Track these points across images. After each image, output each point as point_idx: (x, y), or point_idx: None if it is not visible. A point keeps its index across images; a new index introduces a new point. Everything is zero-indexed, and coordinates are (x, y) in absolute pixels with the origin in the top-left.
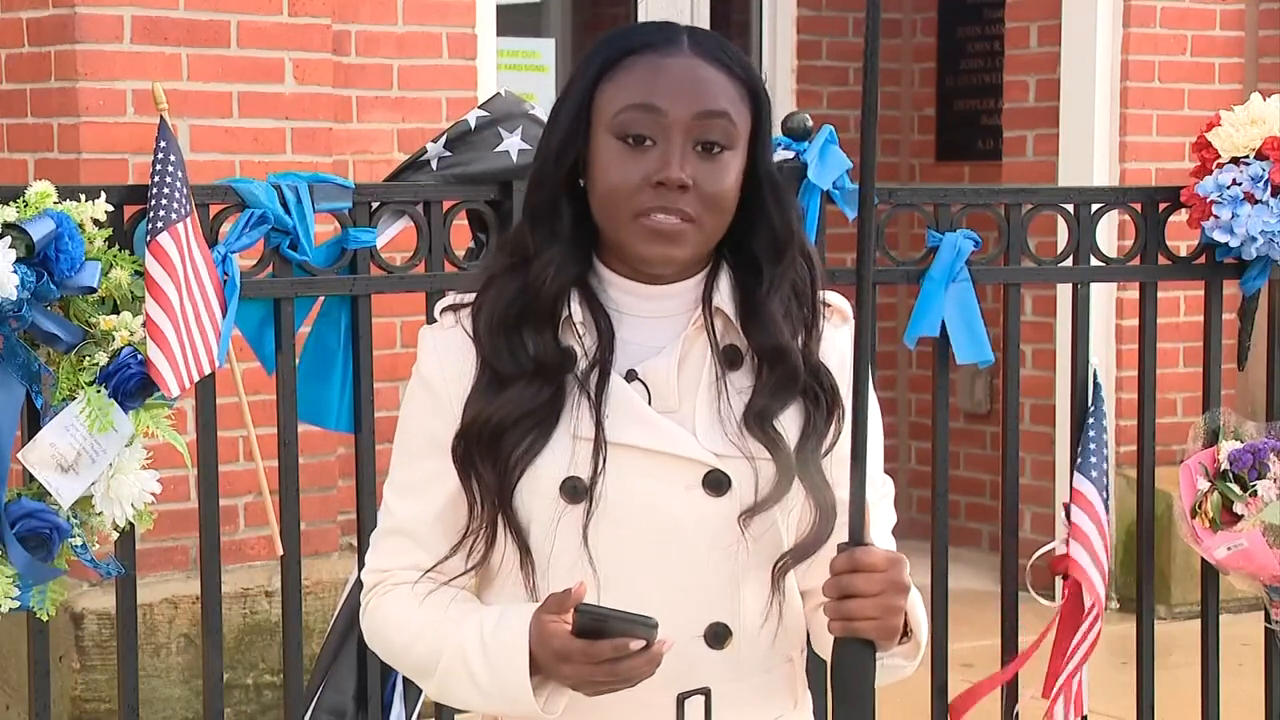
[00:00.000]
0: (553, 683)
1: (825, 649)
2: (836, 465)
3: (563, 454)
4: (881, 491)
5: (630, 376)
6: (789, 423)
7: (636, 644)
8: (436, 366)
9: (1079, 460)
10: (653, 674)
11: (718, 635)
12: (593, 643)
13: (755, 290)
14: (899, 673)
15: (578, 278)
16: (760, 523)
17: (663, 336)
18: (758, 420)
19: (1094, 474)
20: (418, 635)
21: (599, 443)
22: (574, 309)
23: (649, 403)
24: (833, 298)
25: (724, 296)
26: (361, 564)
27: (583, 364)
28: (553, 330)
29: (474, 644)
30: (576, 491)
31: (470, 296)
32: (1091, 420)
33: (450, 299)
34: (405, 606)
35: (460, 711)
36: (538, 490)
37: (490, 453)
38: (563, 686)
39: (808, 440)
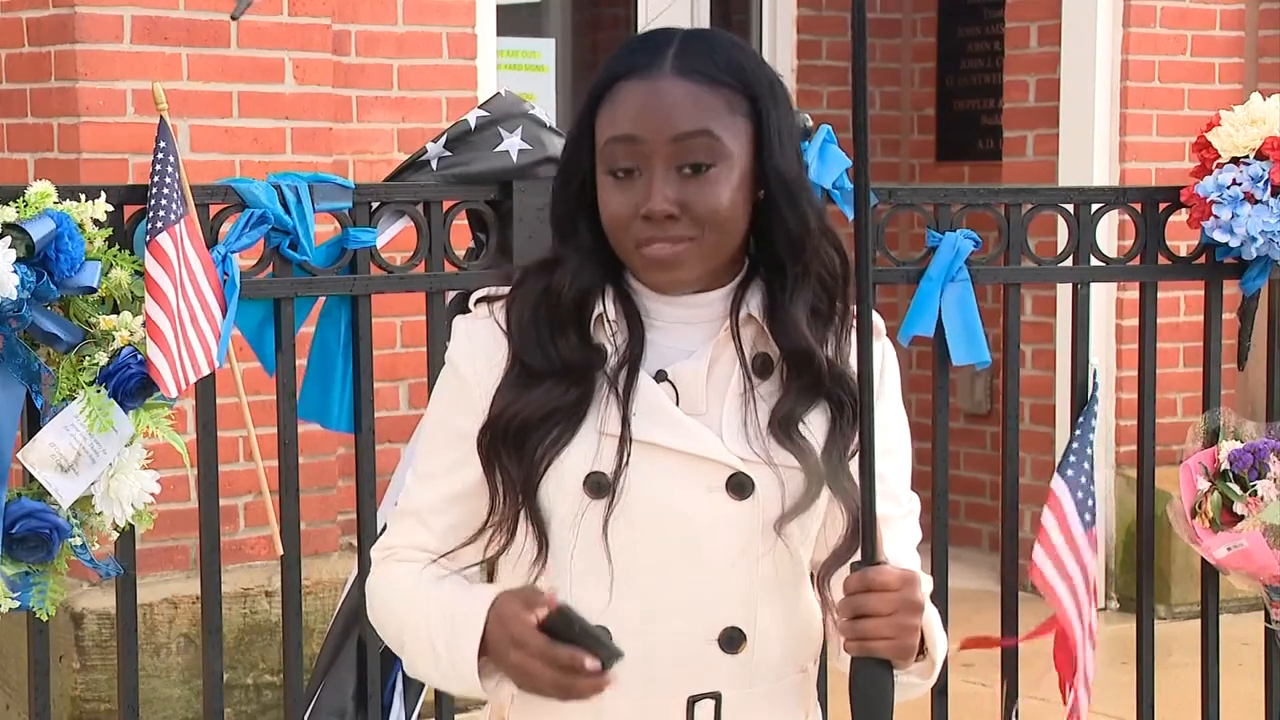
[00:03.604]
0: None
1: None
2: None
3: (588, 449)
4: (907, 508)
5: (660, 377)
6: (816, 429)
7: (592, 663)
8: (467, 356)
9: (1059, 461)
10: (586, 699)
11: (731, 640)
12: (554, 643)
13: (780, 292)
14: (913, 690)
15: (604, 279)
16: (783, 531)
17: (694, 341)
18: (783, 425)
19: (1069, 473)
20: (399, 605)
21: (624, 439)
22: (607, 306)
23: (676, 404)
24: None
25: (755, 305)
26: (361, 564)
27: (612, 361)
28: (582, 329)
29: (437, 614)
30: (600, 487)
31: (505, 289)
32: (1081, 420)
33: (485, 290)
34: (397, 579)
35: (460, 710)
36: (562, 484)
37: (516, 446)
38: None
39: (834, 446)
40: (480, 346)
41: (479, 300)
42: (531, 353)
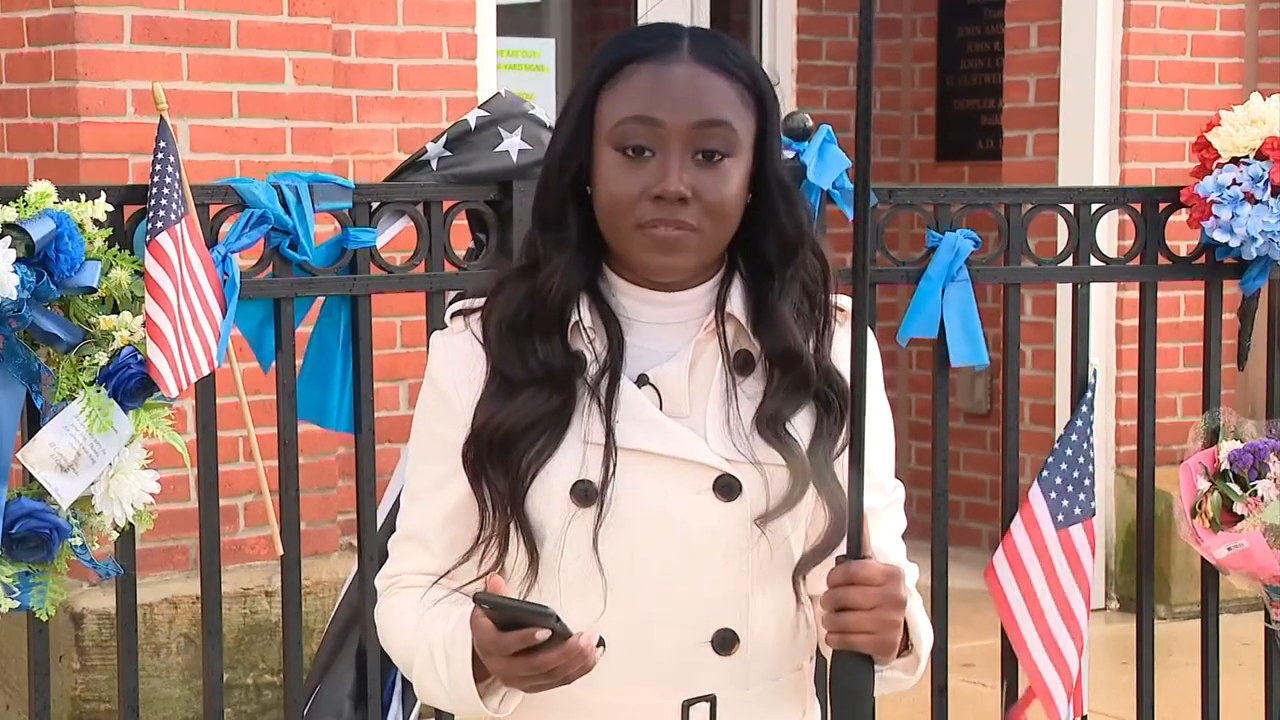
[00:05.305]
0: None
1: None
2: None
3: (574, 458)
4: (892, 497)
5: (641, 381)
6: (801, 426)
7: (542, 634)
8: (447, 371)
9: (1041, 470)
10: (587, 671)
11: (725, 642)
12: (501, 634)
13: (767, 293)
14: (899, 685)
15: (587, 283)
16: (772, 529)
17: (673, 343)
18: (769, 424)
19: (1045, 474)
20: (408, 634)
21: (609, 447)
22: (583, 314)
23: (660, 408)
24: (845, 301)
25: (736, 303)
26: (361, 564)
27: (593, 369)
28: (562, 336)
29: (439, 641)
30: (587, 495)
31: (480, 301)
32: (1068, 424)
33: (460, 303)
34: (403, 607)
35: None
36: (549, 495)
37: (501, 458)
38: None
39: (819, 443)
40: (460, 360)
41: (455, 314)
42: (511, 362)
